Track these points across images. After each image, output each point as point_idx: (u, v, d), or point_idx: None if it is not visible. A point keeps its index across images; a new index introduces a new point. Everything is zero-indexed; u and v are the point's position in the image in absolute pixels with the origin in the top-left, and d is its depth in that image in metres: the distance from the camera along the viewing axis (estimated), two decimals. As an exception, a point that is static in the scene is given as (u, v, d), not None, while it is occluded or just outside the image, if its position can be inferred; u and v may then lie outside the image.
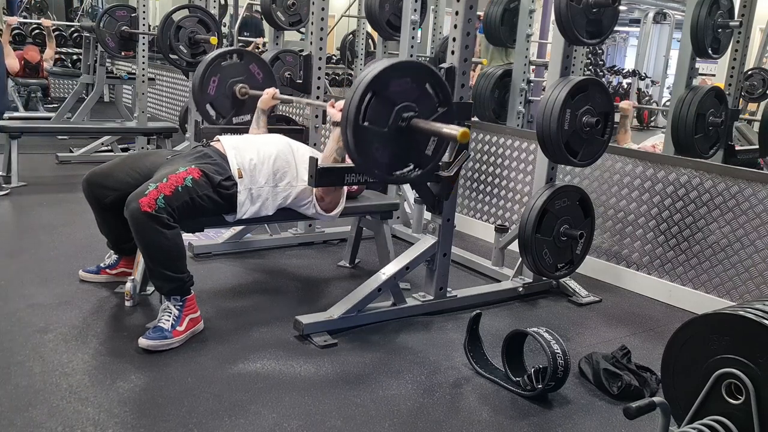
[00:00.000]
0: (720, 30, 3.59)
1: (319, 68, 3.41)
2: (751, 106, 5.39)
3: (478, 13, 2.93)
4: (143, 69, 5.29)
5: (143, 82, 5.32)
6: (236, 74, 3.28)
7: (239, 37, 6.76)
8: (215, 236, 3.42)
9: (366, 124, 2.09)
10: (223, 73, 3.24)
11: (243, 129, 3.18)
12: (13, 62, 5.02)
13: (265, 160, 2.58)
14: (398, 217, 3.84)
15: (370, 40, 6.38)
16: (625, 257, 3.37)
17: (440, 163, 2.57)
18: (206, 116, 3.28)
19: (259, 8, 5.17)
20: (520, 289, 3.05)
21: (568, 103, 2.66)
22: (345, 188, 2.72)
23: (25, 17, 10.18)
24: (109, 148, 5.54)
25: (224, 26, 7.40)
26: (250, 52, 3.57)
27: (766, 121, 3.96)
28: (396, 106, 2.14)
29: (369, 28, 5.76)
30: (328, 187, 2.59)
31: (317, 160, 2.32)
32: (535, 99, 4.58)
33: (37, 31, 8.84)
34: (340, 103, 2.53)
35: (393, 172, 2.24)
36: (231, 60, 3.30)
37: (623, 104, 4.11)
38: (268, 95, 3.09)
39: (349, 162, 2.59)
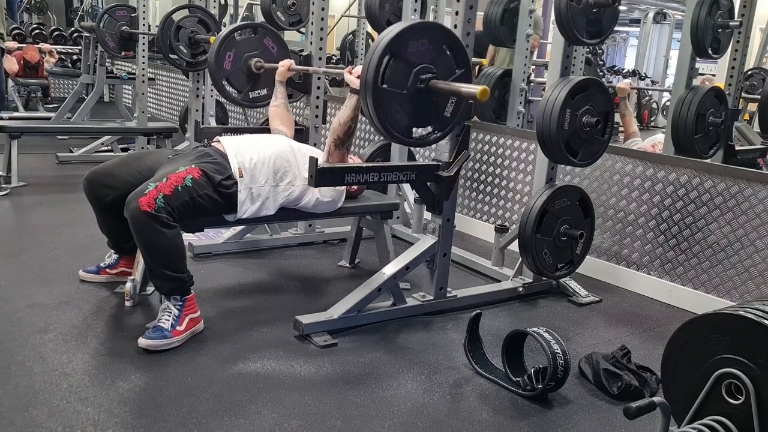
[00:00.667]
0: (720, 30, 3.58)
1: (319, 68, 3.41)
2: (751, 106, 5.38)
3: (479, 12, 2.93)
4: (143, 69, 5.29)
5: (143, 82, 5.32)
6: (251, 48, 3.31)
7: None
8: (215, 236, 3.42)
9: (385, 86, 2.10)
10: (237, 48, 3.27)
11: (243, 129, 3.19)
12: (11, 63, 5.02)
13: (265, 160, 2.58)
14: (398, 217, 3.84)
15: (370, 40, 6.38)
16: (625, 257, 3.37)
17: (440, 163, 2.58)
18: (223, 91, 3.30)
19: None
20: (520, 289, 3.05)
21: (568, 103, 2.66)
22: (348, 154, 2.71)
23: (22, 22, 10.19)
24: (109, 148, 5.54)
25: (224, 26, 7.40)
26: (264, 25, 3.59)
27: (766, 101, 3.95)
28: (414, 68, 2.14)
29: (369, 28, 5.77)
30: (336, 147, 2.58)
31: (317, 160, 2.32)
32: (535, 99, 4.58)
33: (37, 31, 8.85)
34: (358, 69, 2.54)
35: (412, 135, 2.26)
36: (245, 34, 3.31)
37: (620, 84, 4.11)
38: (284, 67, 3.12)
39: (352, 161, 2.60)
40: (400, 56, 2.12)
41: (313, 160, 2.31)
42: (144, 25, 5.23)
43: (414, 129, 2.30)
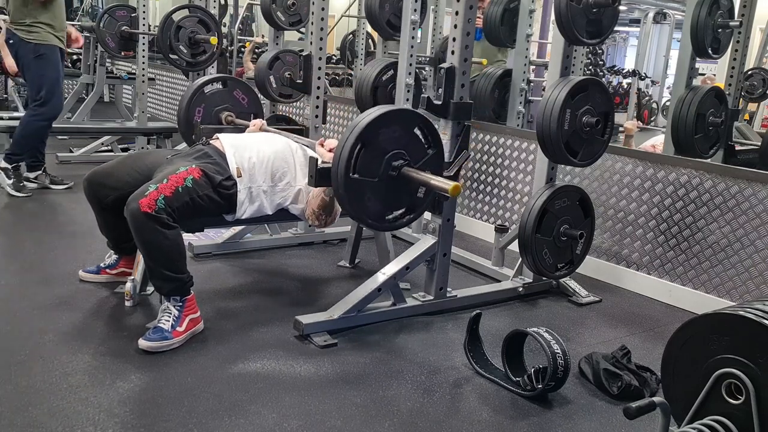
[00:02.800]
0: (720, 30, 3.59)
1: (319, 68, 3.41)
2: (751, 106, 5.39)
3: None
4: (143, 69, 5.29)
5: (143, 82, 5.32)
6: (221, 102, 3.30)
7: (239, 37, 6.77)
8: (215, 236, 3.42)
9: (356, 176, 2.11)
10: (207, 102, 3.27)
11: (243, 130, 3.18)
12: (11, 62, 5.01)
13: (264, 160, 2.58)
14: (398, 217, 3.83)
15: (370, 40, 6.38)
16: (625, 257, 3.37)
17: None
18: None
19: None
20: (520, 289, 3.05)
21: (568, 103, 2.66)
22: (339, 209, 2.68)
23: None
24: (109, 148, 5.53)
25: (224, 26, 7.40)
26: (234, 78, 3.60)
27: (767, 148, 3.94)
28: (386, 155, 2.16)
29: (369, 28, 5.76)
30: (325, 205, 2.56)
31: (317, 160, 2.32)
32: (535, 99, 4.58)
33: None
34: (330, 142, 2.55)
35: (385, 218, 2.27)
36: (215, 87, 3.30)
37: (627, 124, 4.10)
38: (255, 127, 3.06)
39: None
40: (371, 144, 2.13)
41: (312, 160, 2.31)
42: (144, 25, 5.24)
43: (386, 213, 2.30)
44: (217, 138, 2.68)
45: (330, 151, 2.52)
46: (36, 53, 4.01)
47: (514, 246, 3.00)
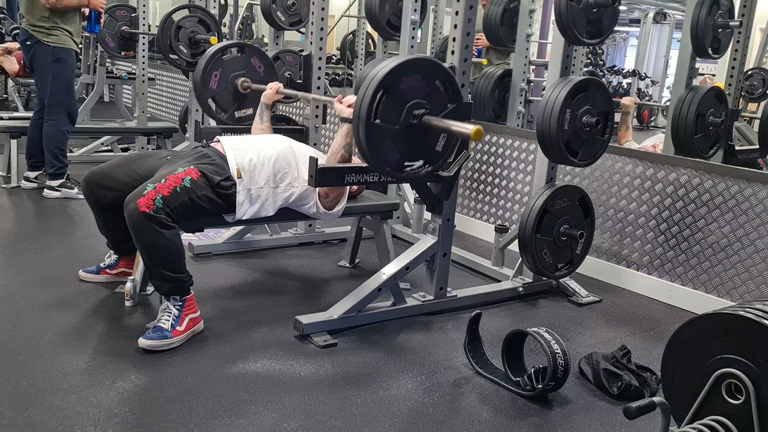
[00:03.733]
0: (720, 30, 3.59)
1: (319, 68, 3.41)
2: (751, 106, 5.38)
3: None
4: (143, 69, 5.29)
5: (143, 82, 5.32)
6: (238, 68, 3.28)
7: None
8: (215, 236, 3.42)
9: (378, 121, 2.10)
10: (224, 67, 3.25)
11: (243, 129, 3.19)
12: (11, 63, 5.01)
13: (265, 161, 2.58)
14: (398, 217, 3.84)
15: (370, 40, 6.38)
16: (625, 257, 3.37)
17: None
18: (208, 111, 3.29)
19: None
20: (520, 289, 3.05)
21: (568, 103, 2.66)
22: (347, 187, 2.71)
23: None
24: (109, 148, 5.53)
25: (224, 26, 7.40)
26: (252, 45, 3.57)
27: (766, 121, 3.96)
28: (407, 104, 2.14)
29: (369, 28, 5.76)
30: (344, 161, 2.58)
31: (317, 160, 2.31)
32: (535, 99, 4.58)
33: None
34: (349, 98, 2.54)
35: (404, 169, 2.26)
36: (232, 54, 3.30)
37: (625, 100, 4.12)
38: (271, 90, 3.09)
39: (356, 160, 2.60)
40: (393, 92, 2.11)
41: (313, 160, 2.31)
42: (144, 25, 5.24)
43: (405, 163, 2.29)
44: (218, 141, 2.68)
45: (349, 106, 2.52)
46: (54, 56, 4.01)
47: (514, 246, 3.00)
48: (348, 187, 2.76)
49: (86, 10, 4.41)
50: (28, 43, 3.99)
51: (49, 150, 4.15)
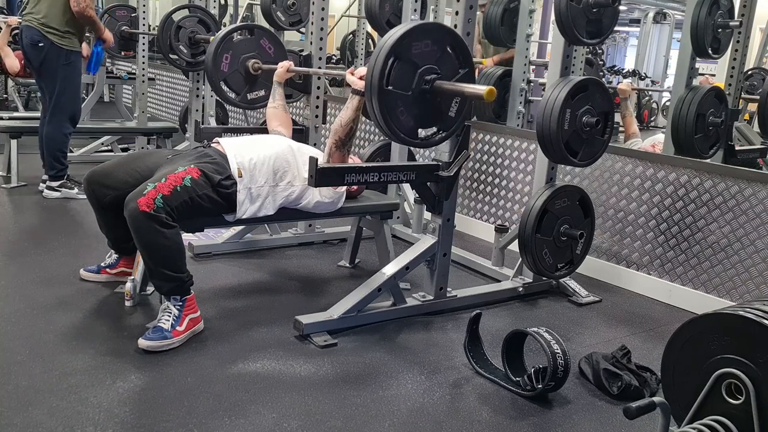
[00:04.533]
0: (720, 30, 3.58)
1: (319, 68, 3.41)
2: (751, 106, 5.38)
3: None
4: (143, 69, 5.29)
5: (143, 82, 5.32)
6: (248, 50, 3.32)
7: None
8: (215, 236, 3.42)
9: (390, 88, 2.10)
10: (234, 49, 3.28)
11: (243, 129, 3.19)
12: (12, 62, 5.02)
13: (265, 160, 2.58)
14: (398, 217, 3.84)
15: (370, 40, 6.38)
16: (625, 257, 3.37)
17: (440, 163, 2.58)
18: (220, 93, 3.31)
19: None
20: (520, 289, 3.05)
21: (568, 103, 2.66)
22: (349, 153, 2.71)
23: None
24: (109, 148, 5.54)
25: (224, 26, 7.40)
26: (261, 26, 3.59)
27: (765, 102, 3.95)
28: (419, 69, 2.14)
29: (369, 28, 5.77)
30: (337, 148, 2.59)
31: (317, 159, 2.31)
32: (535, 99, 4.58)
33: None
34: (361, 70, 2.54)
35: (418, 135, 2.26)
36: (242, 36, 3.31)
37: (621, 85, 4.12)
38: (282, 68, 3.13)
39: (352, 161, 2.60)
40: (404, 58, 2.12)
41: (313, 160, 2.31)
42: (144, 25, 5.24)
43: (419, 130, 2.30)
44: (218, 141, 2.68)
45: (361, 78, 2.52)
46: (67, 60, 4.01)
47: (514, 246, 3.00)
48: (349, 154, 2.74)
49: (85, 51, 4.41)
50: (41, 44, 3.96)
51: (50, 152, 4.16)
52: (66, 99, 4.10)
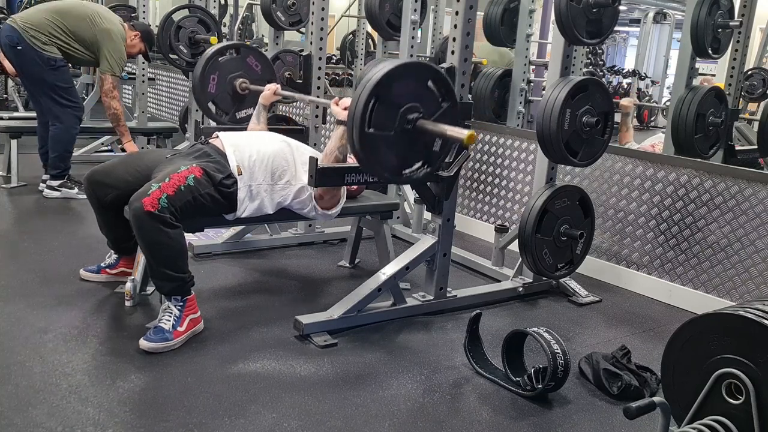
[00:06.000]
0: (720, 30, 3.59)
1: (319, 68, 3.41)
2: (751, 106, 5.39)
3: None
4: (143, 69, 5.29)
5: (143, 82, 5.32)
6: (235, 69, 3.28)
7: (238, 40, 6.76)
8: (215, 236, 3.42)
9: (372, 130, 2.09)
10: (221, 70, 3.24)
11: (243, 128, 3.19)
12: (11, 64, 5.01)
13: (264, 158, 2.58)
14: (398, 217, 3.84)
15: (370, 40, 6.38)
16: (625, 257, 3.37)
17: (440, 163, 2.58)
18: (209, 114, 3.29)
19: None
20: (520, 289, 3.05)
21: (568, 103, 2.66)
22: (344, 187, 2.71)
23: None
24: (109, 148, 5.53)
25: (224, 26, 7.40)
26: (247, 45, 3.57)
27: (766, 121, 3.96)
28: (400, 108, 2.14)
29: (369, 28, 5.76)
30: (338, 162, 2.56)
31: (317, 159, 2.32)
32: (535, 99, 4.58)
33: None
34: (345, 101, 2.53)
35: (402, 172, 2.25)
36: (228, 55, 3.30)
37: (624, 101, 4.11)
38: (269, 91, 3.08)
39: (351, 161, 2.60)
40: (385, 99, 2.10)
41: (313, 160, 2.31)
42: (144, 25, 5.23)
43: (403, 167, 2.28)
44: (217, 137, 2.68)
45: (345, 109, 2.52)
46: (52, 65, 3.96)
47: (514, 246, 3.00)
48: (345, 188, 2.75)
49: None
50: (19, 48, 3.88)
51: (57, 152, 4.15)
52: (67, 100, 4.09)
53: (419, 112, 2.16)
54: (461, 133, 2.07)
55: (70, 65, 4.19)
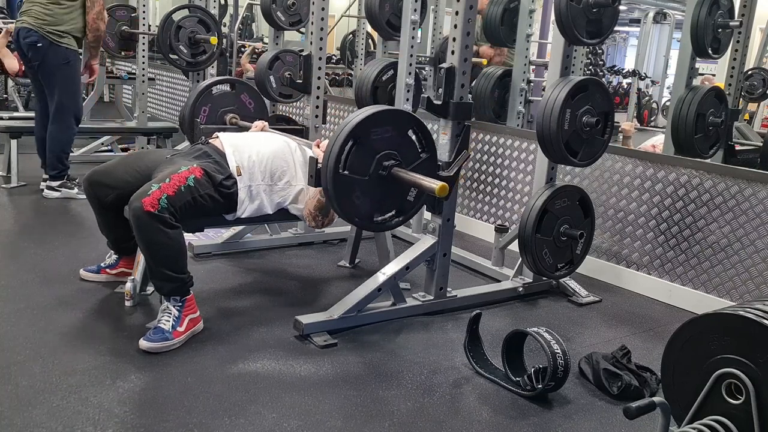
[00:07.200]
0: (720, 30, 3.58)
1: (319, 68, 3.41)
2: (751, 106, 5.39)
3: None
4: (143, 69, 5.29)
5: (143, 82, 5.32)
6: (227, 104, 3.30)
7: (239, 41, 6.75)
8: (215, 236, 3.42)
9: (346, 172, 2.09)
10: (213, 102, 3.27)
11: (241, 129, 3.18)
12: (12, 63, 5.01)
13: (263, 159, 2.59)
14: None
15: (370, 40, 6.38)
16: (625, 257, 3.37)
17: (440, 163, 2.58)
18: (191, 140, 3.29)
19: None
20: (520, 289, 3.05)
21: (568, 103, 2.66)
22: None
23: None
24: (109, 148, 5.54)
25: (224, 26, 7.40)
26: (242, 81, 3.58)
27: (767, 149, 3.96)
28: (377, 154, 2.13)
29: (369, 28, 5.76)
30: (321, 208, 2.57)
31: (317, 160, 2.31)
32: (535, 99, 4.58)
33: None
34: (325, 143, 2.55)
35: (373, 219, 2.25)
36: (222, 89, 3.30)
37: (625, 125, 4.10)
38: (257, 128, 3.05)
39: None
40: (363, 142, 2.10)
41: (312, 160, 2.31)
42: (144, 25, 5.23)
43: (375, 214, 2.28)
44: (217, 137, 2.68)
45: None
46: (65, 59, 4.01)
47: (514, 246, 3.00)
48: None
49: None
50: (39, 45, 3.94)
51: (54, 153, 4.15)
52: (68, 99, 4.10)
53: (396, 159, 2.16)
54: (434, 184, 2.09)
55: (80, 55, 4.19)
